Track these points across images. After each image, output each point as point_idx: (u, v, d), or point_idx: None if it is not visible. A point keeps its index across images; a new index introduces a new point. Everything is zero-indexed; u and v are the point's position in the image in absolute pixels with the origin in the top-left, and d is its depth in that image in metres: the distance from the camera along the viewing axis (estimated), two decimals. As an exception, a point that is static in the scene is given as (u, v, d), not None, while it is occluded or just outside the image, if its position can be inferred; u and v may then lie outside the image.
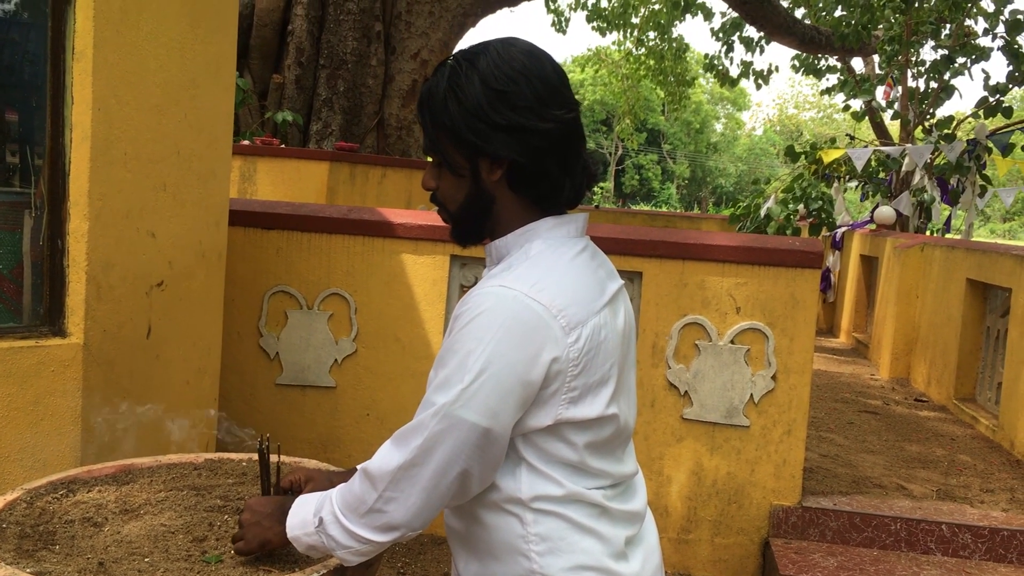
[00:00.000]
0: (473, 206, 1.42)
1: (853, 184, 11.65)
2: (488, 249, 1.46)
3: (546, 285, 1.31)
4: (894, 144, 11.44)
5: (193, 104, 2.82)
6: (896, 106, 11.64)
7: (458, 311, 1.35)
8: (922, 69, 11.47)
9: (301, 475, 1.67)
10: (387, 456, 1.34)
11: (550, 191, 1.40)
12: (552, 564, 1.35)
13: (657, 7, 16.25)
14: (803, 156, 10.49)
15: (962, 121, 11.34)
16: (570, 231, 1.42)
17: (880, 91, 12.04)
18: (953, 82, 11.03)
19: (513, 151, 1.35)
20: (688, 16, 15.20)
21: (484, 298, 1.31)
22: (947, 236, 10.64)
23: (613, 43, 18.11)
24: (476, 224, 1.44)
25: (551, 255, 1.37)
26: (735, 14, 13.80)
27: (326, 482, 1.63)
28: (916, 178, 10.18)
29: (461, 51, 1.40)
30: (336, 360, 3.90)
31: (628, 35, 17.02)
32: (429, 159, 1.46)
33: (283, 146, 8.15)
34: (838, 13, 12.94)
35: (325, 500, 1.41)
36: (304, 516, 1.42)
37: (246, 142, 7.94)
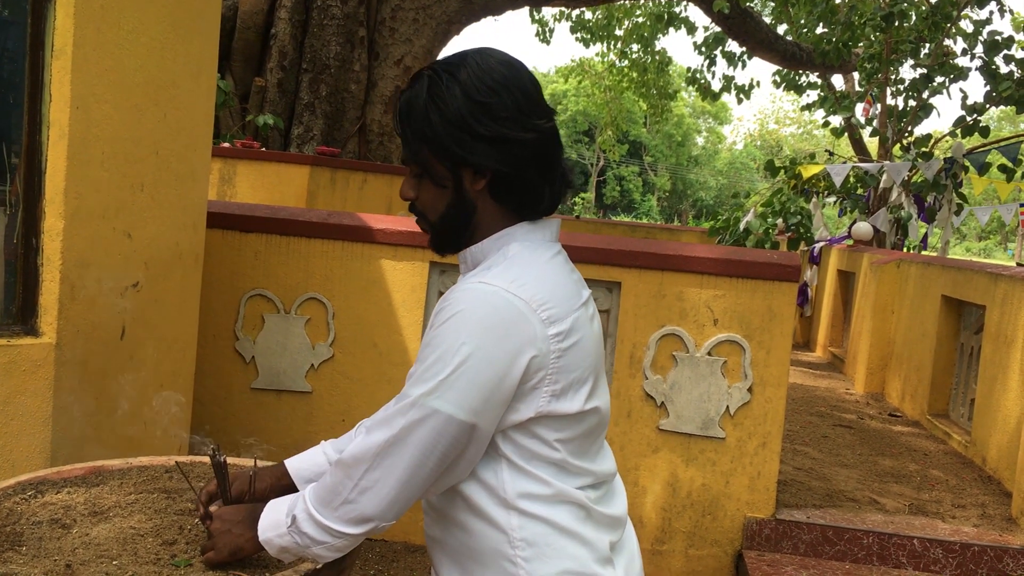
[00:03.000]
0: (455, 216, 1.42)
1: (831, 200, 11.76)
2: (463, 255, 1.46)
3: (526, 281, 1.33)
4: (872, 161, 11.55)
5: (173, 104, 2.80)
6: (875, 123, 11.77)
7: (438, 307, 1.35)
8: (901, 87, 11.60)
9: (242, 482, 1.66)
10: (361, 446, 1.33)
11: (531, 199, 1.41)
12: (539, 570, 1.35)
13: (641, 20, 16.37)
14: (783, 171, 10.58)
15: (940, 139, 11.47)
16: (545, 235, 1.44)
17: (859, 108, 12.16)
18: (931, 101, 11.16)
19: (496, 161, 1.36)
20: (671, 30, 15.33)
21: (464, 294, 1.32)
22: (923, 253, 10.74)
23: (597, 55, 18.24)
24: (457, 233, 1.44)
25: (529, 255, 1.39)
26: (718, 29, 13.91)
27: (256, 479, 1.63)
28: (893, 195, 10.29)
29: (438, 62, 1.41)
30: (312, 365, 3.88)
31: (612, 47, 17.13)
32: (408, 169, 1.46)
33: (264, 149, 8.11)
34: (819, 30, 13.07)
35: (298, 499, 1.40)
36: (276, 517, 1.41)
37: (226, 144, 7.90)
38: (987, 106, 10.40)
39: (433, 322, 1.34)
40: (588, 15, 16.16)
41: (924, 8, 10.91)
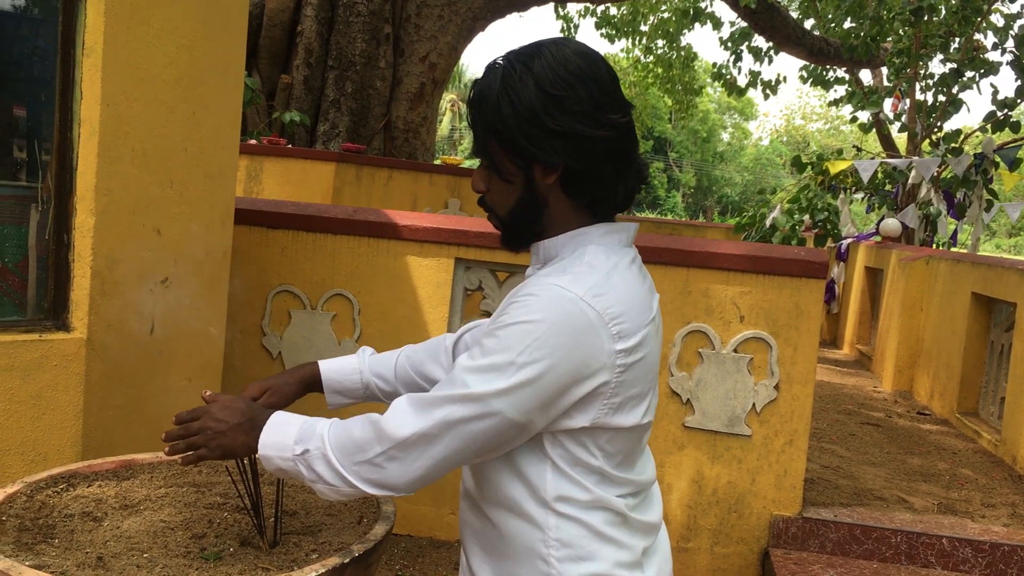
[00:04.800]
0: (525, 211, 1.39)
1: (859, 196, 11.64)
2: (535, 248, 1.43)
3: (603, 291, 1.30)
4: (901, 157, 11.43)
5: (201, 102, 2.82)
6: (904, 119, 11.63)
7: (512, 299, 1.32)
8: (930, 82, 11.45)
9: (255, 389, 1.68)
10: (404, 418, 1.31)
11: (604, 196, 1.38)
12: (571, 570, 1.34)
13: (666, 15, 16.27)
14: (809, 167, 10.48)
15: (970, 135, 11.32)
16: (621, 239, 1.41)
17: (888, 103, 12.03)
18: (961, 96, 11.01)
19: (567, 157, 1.33)
20: (697, 25, 15.22)
21: (541, 296, 1.29)
22: (953, 250, 10.61)
23: (622, 50, 18.17)
24: (527, 228, 1.41)
25: (606, 262, 1.35)
26: (744, 24, 13.81)
27: (284, 387, 1.69)
28: (923, 191, 10.17)
29: (513, 51, 1.37)
30: (338, 361, 3.89)
31: (637, 43, 17.03)
32: (478, 161, 1.43)
33: (290, 146, 8.16)
34: (847, 25, 12.94)
35: (311, 433, 1.38)
36: (282, 439, 1.39)
37: (253, 141, 7.95)
38: (1018, 101, 10.24)
39: (503, 314, 1.31)
40: (613, 11, 16.10)
41: (954, 2, 10.77)
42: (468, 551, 1.47)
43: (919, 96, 11.36)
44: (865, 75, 14.88)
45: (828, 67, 14.47)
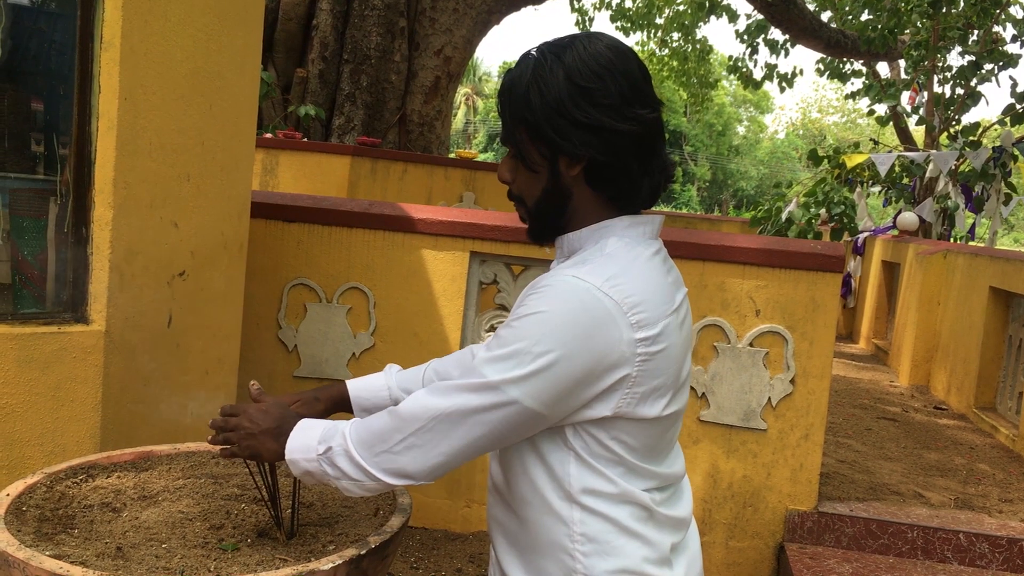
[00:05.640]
0: (550, 201, 1.40)
1: (876, 189, 11.57)
2: (559, 241, 1.44)
3: (620, 281, 1.30)
4: (918, 150, 11.35)
5: (218, 96, 2.83)
6: (921, 112, 11.56)
7: (529, 291, 1.33)
8: (948, 75, 11.38)
9: (287, 400, 1.72)
10: (421, 404, 1.33)
11: (628, 190, 1.38)
12: (597, 566, 1.34)
13: (682, 8, 16.21)
14: (826, 160, 10.43)
15: (988, 128, 11.23)
16: (646, 232, 1.41)
17: (905, 96, 11.96)
18: (980, 88, 10.94)
19: (593, 149, 1.33)
20: (713, 17, 15.16)
21: (556, 287, 1.30)
22: (971, 244, 10.54)
23: (637, 43, 18.07)
24: (552, 219, 1.42)
25: (627, 253, 1.36)
26: (760, 16, 13.74)
27: (314, 403, 1.72)
28: (940, 185, 10.10)
29: (546, 43, 1.38)
30: (354, 354, 3.91)
31: (652, 35, 16.98)
32: (506, 151, 1.44)
33: (305, 140, 8.18)
34: (864, 17, 12.86)
35: (335, 432, 1.41)
36: (307, 442, 1.43)
37: (269, 135, 7.98)
38: (1037, 93, 10.15)
39: (519, 307, 1.32)
40: (628, 3, 16.05)
41: (973, -6, 10.69)
42: (496, 545, 1.47)
43: (937, 89, 11.28)
44: (882, 68, 14.79)
45: (845, 60, 14.38)
